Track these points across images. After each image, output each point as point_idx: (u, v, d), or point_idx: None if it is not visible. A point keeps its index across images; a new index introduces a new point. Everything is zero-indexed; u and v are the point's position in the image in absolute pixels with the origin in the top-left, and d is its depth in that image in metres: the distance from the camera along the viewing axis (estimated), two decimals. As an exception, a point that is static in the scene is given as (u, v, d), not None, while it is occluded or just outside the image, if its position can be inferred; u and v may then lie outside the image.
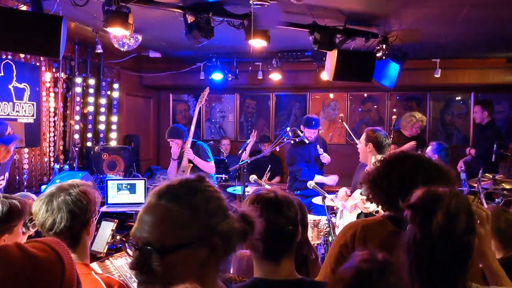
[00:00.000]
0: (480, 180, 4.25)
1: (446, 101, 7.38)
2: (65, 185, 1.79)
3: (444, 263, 1.27)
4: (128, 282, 2.44)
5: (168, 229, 1.03)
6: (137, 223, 1.06)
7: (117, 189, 4.82)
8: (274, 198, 1.49)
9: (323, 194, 3.83)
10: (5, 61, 4.91)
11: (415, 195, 1.35)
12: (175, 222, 1.03)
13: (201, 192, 1.08)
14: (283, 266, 1.47)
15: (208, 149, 5.40)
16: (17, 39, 3.20)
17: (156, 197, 1.07)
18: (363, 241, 1.74)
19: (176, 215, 1.03)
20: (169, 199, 1.05)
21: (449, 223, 1.25)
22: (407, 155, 1.80)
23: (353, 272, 1.20)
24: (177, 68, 7.14)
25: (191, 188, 1.08)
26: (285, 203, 1.49)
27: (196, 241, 1.03)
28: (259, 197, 1.50)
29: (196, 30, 3.73)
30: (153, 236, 1.02)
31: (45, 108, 5.55)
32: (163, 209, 1.05)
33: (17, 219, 1.99)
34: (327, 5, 3.90)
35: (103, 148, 6.03)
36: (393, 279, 1.19)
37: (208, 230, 1.04)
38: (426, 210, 1.29)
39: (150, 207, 1.06)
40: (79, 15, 4.23)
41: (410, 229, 1.31)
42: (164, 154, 7.95)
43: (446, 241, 1.26)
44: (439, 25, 4.59)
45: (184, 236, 1.02)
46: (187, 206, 1.04)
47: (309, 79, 7.10)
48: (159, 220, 1.03)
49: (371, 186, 1.76)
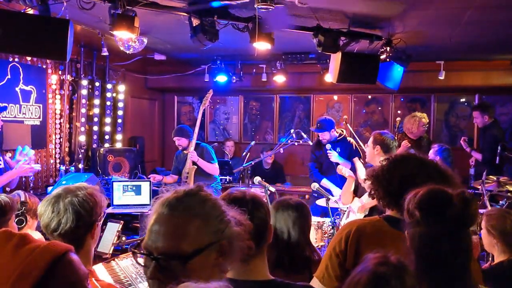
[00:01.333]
0: (484, 182, 4.25)
1: (450, 103, 7.37)
2: (72, 187, 1.80)
3: (453, 261, 1.29)
4: (134, 283, 2.47)
5: (184, 238, 1.10)
6: (150, 234, 1.12)
7: (123, 190, 4.85)
8: (241, 197, 1.48)
9: (326, 196, 3.86)
10: (12, 64, 4.96)
11: (420, 195, 1.36)
12: (190, 231, 1.10)
13: (208, 201, 1.16)
14: (253, 267, 1.46)
15: (212, 150, 5.44)
16: (25, 42, 3.23)
17: (168, 209, 1.13)
18: (357, 240, 1.76)
19: (191, 224, 1.11)
20: (181, 210, 1.13)
21: (464, 219, 1.28)
22: (412, 157, 1.82)
23: (369, 275, 1.18)
24: (182, 71, 7.18)
25: (198, 198, 1.16)
26: (250, 202, 1.47)
27: (209, 246, 1.11)
28: (227, 195, 1.50)
29: (201, 33, 3.76)
30: (170, 245, 1.09)
31: (51, 110, 5.60)
32: (177, 220, 1.11)
33: (9, 213, 2.12)
34: (331, 8, 3.92)
35: (109, 149, 6.07)
36: (411, 281, 1.19)
37: (218, 235, 1.13)
38: (436, 210, 1.31)
39: (163, 218, 1.12)
40: (86, 19, 4.26)
41: (418, 230, 1.33)
42: (168, 156, 7.98)
43: (455, 239, 1.29)
44: (443, 27, 4.59)
45: (199, 243, 1.10)
46: (200, 215, 1.13)
47: (313, 81, 7.11)
48: (175, 230, 1.10)
49: (373, 182, 1.80)
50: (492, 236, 2.43)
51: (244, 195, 1.50)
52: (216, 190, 5.47)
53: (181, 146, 5.32)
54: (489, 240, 2.46)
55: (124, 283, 2.48)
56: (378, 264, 1.20)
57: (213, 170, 5.36)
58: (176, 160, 5.58)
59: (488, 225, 2.46)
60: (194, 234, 1.10)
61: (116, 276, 2.54)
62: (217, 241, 1.12)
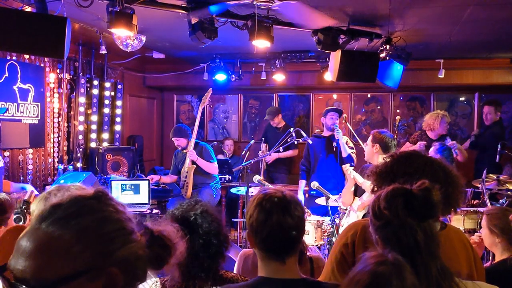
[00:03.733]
0: (484, 180, 4.23)
1: (450, 101, 7.36)
2: (66, 185, 1.82)
3: (428, 249, 1.32)
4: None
5: (47, 260, 0.83)
6: (14, 251, 0.86)
7: (121, 189, 4.83)
8: (282, 197, 1.49)
9: (326, 195, 3.86)
10: (9, 62, 4.94)
11: (384, 195, 1.38)
12: (56, 251, 0.84)
13: (95, 213, 0.90)
14: (288, 265, 1.47)
15: (211, 149, 5.42)
16: (22, 40, 3.21)
17: (37, 220, 0.87)
18: (363, 241, 1.73)
19: (58, 241, 0.84)
20: (51, 222, 0.86)
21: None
22: (417, 154, 1.80)
23: (370, 275, 1.18)
24: (180, 69, 7.16)
25: (81, 208, 0.89)
26: (293, 203, 1.49)
27: (86, 273, 0.84)
28: (267, 196, 1.50)
29: (199, 31, 3.74)
30: (29, 268, 0.83)
31: (49, 109, 5.58)
32: (42, 235, 0.85)
33: (8, 211, 2.17)
34: (331, 6, 3.90)
35: (107, 148, 6.05)
36: (411, 279, 1.19)
37: (102, 258, 0.87)
38: (403, 204, 1.34)
39: (29, 231, 0.87)
40: (83, 16, 4.24)
41: (391, 229, 1.35)
42: (167, 155, 7.96)
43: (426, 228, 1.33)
44: (443, 25, 4.57)
45: (68, 267, 0.83)
46: (73, 230, 0.86)
47: (313, 79, 7.10)
48: (37, 249, 0.84)
49: (376, 179, 1.77)
50: (494, 234, 2.42)
51: (284, 195, 1.50)
52: (215, 189, 5.45)
53: (180, 146, 5.31)
54: (491, 239, 2.45)
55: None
56: (377, 263, 1.19)
57: (212, 169, 5.35)
58: (175, 159, 5.56)
59: (490, 224, 2.44)
60: (61, 255, 0.84)
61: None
62: (101, 267, 0.86)
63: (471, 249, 1.76)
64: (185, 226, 1.72)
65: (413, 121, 7.42)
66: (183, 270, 1.73)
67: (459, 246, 1.72)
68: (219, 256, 1.79)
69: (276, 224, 1.44)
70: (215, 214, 1.83)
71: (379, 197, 1.39)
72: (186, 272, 1.73)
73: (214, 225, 1.78)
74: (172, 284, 1.75)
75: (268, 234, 1.45)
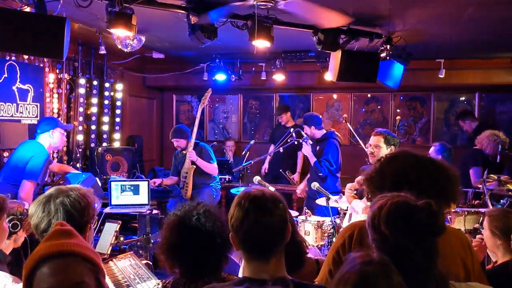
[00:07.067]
0: (485, 181, 4.22)
1: (450, 101, 7.35)
2: (65, 188, 1.77)
3: (426, 267, 1.32)
4: (132, 284, 2.44)
5: None
6: None
7: (121, 190, 4.82)
8: (261, 196, 1.46)
9: (327, 195, 3.84)
10: (8, 62, 4.92)
11: (385, 210, 1.36)
12: None
13: None
14: (272, 265, 1.44)
15: (210, 150, 5.41)
16: (21, 40, 3.19)
17: None
18: (360, 242, 1.73)
19: None
20: None
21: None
22: (404, 153, 1.79)
23: (357, 275, 1.18)
24: (180, 69, 7.15)
25: None
26: (273, 201, 1.46)
27: None
28: (246, 195, 1.48)
29: (199, 31, 3.73)
30: None
31: (49, 109, 5.56)
32: None
33: (0, 213, 2.03)
34: (331, 6, 3.89)
35: (107, 149, 6.04)
36: (397, 279, 1.19)
37: None
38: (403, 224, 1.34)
39: None
40: (83, 16, 4.23)
41: (387, 245, 1.35)
42: (167, 155, 7.95)
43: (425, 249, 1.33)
44: (443, 25, 4.56)
45: None
46: None
47: (313, 79, 7.09)
48: None
49: (368, 184, 1.76)
50: (496, 236, 2.40)
51: (263, 194, 1.48)
52: (215, 190, 5.44)
53: (180, 147, 5.30)
54: (493, 241, 2.43)
55: (122, 284, 2.45)
56: (364, 263, 1.20)
57: (212, 169, 5.34)
58: (175, 160, 5.55)
59: (491, 226, 2.42)
60: None
61: (114, 276, 2.51)
62: None
63: (469, 250, 1.75)
64: (188, 226, 1.71)
65: (413, 121, 7.41)
66: (185, 272, 1.71)
67: (457, 247, 1.72)
68: (222, 257, 1.76)
69: (254, 223, 1.41)
70: (218, 214, 1.81)
71: (380, 211, 1.37)
72: (189, 274, 1.71)
73: (217, 224, 1.75)
74: (174, 286, 1.73)
75: (246, 233, 1.42)
